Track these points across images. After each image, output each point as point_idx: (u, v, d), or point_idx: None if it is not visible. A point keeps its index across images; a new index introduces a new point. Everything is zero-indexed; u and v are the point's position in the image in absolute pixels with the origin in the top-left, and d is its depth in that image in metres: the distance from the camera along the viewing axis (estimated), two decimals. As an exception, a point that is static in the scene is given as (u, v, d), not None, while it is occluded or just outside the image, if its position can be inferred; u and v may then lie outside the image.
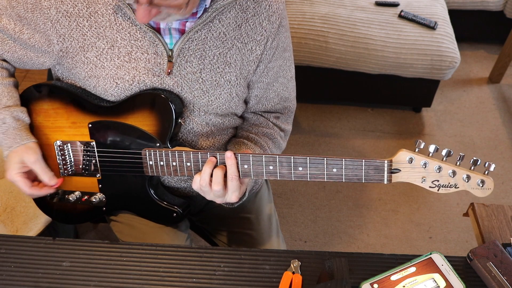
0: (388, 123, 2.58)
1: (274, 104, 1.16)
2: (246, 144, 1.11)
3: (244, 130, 1.16)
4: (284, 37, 1.10)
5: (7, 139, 1.04)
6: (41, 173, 1.06)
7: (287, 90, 1.17)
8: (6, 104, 1.05)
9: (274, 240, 1.28)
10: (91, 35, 0.99)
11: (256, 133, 1.15)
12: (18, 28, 1.01)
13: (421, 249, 2.03)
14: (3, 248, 1.00)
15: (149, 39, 0.99)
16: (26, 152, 1.04)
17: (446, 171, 0.87)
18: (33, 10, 0.98)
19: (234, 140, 1.15)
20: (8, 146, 1.04)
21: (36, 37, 1.01)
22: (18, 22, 1.01)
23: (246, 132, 1.15)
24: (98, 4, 0.97)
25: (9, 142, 1.04)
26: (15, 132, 1.04)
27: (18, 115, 1.06)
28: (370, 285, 0.92)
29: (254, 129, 1.16)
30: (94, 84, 1.03)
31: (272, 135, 1.16)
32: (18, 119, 1.05)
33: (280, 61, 1.12)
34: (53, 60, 1.05)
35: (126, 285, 0.95)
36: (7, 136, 1.04)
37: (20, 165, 1.03)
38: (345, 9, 2.38)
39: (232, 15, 1.01)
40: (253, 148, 1.11)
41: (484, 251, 0.97)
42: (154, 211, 1.12)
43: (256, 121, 1.17)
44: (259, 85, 1.12)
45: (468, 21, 2.89)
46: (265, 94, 1.14)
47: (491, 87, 2.83)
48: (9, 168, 1.04)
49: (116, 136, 1.04)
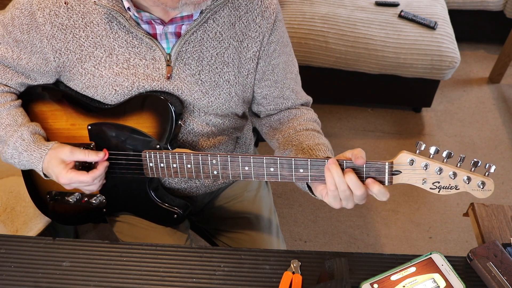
0: (388, 123, 2.58)
1: (294, 100, 1.16)
2: (318, 136, 1.09)
3: (291, 127, 1.13)
4: (282, 32, 1.09)
5: (33, 153, 1.02)
6: (84, 157, 1.01)
7: (297, 84, 1.17)
8: (22, 122, 1.05)
9: (274, 240, 1.28)
10: (88, 45, 0.98)
11: (304, 123, 1.13)
12: (16, 55, 1.01)
13: (421, 249, 2.03)
14: (3, 248, 1.00)
15: (146, 45, 0.99)
16: (57, 152, 1.01)
17: (446, 173, 0.87)
18: (29, 30, 0.97)
19: (309, 134, 1.09)
20: (38, 158, 1.02)
21: (33, 59, 1.01)
22: (16, 48, 1.01)
23: (297, 127, 1.12)
24: (93, 14, 0.97)
25: (36, 155, 1.02)
26: (36, 145, 1.03)
27: (34, 129, 1.05)
28: (370, 285, 0.92)
29: (295, 122, 1.13)
30: (92, 93, 1.03)
31: (312, 116, 1.16)
32: (34, 133, 1.05)
33: (284, 57, 1.11)
34: (54, 77, 1.05)
35: (126, 285, 0.95)
36: (31, 151, 1.02)
37: (63, 165, 1.00)
38: (345, 9, 2.38)
39: (225, 14, 1.01)
40: (321, 137, 1.09)
41: (484, 251, 0.97)
42: (154, 213, 1.12)
43: (291, 115, 1.16)
44: (267, 83, 1.11)
45: (468, 21, 2.89)
46: (280, 93, 1.13)
47: (491, 87, 2.83)
48: (57, 173, 1.00)
49: (116, 138, 1.04)
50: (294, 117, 1.14)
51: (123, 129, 1.03)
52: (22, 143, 1.03)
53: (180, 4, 0.88)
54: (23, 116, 1.06)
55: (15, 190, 1.48)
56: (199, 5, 0.90)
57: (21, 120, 1.05)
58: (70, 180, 1.00)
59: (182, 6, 0.89)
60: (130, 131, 1.03)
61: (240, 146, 1.26)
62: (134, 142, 1.03)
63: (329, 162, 0.89)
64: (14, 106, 1.06)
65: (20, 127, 1.04)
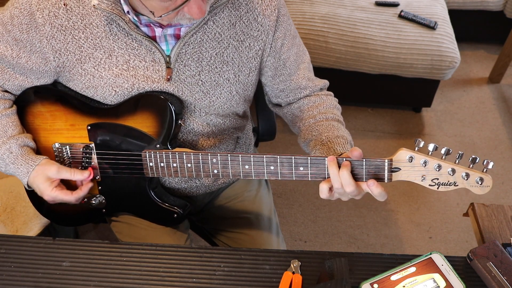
0: (388, 123, 2.58)
1: (312, 88, 1.17)
2: (337, 127, 1.09)
3: (312, 116, 1.14)
4: (288, 25, 1.10)
5: (20, 167, 1.03)
6: (70, 176, 1.04)
7: (311, 72, 1.18)
8: (11, 134, 1.05)
9: (274, 240, 1.28)
10: (88, 46, 0.98)
11: (325, 111, 1.14)
12: (15, 53, 1.01)
13: (421, 249, 2.03)
14: (3, 248, 1.00)
15: (146, 47, 0.99)
16: (44, 168, 1.03)
17: (445, 170, 0.87)
18: (28, 30, 0.97)
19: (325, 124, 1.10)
20: (25, 173, 1.03)
21: (33, 58, 1.01)
22: (15, 47, 1.00)
23: (317, 115, 1.14)
24: (92, 16, 0.97)
25: (23, 169, 1.03)
26: (23, 159, 1.04)
27: (23, 141, 1.06)
28: (370, 285, 0.92)
29: (316, 111, 1.14)
30: (92, 93, 1.03)
31: (331, 103, 1.17)
32: (23, 145, 1.05)
33: (294, 48, 1.12)
34: (52, 78, 1.05)
35: (126, 285, 0.95)
36: (18, 165, 1.03)
37: (49, 182, 1.03)
38: (345, 9, 2.38)
39: (225, 15, 1.01)
40: (341, 128, 1.10)
41: (484, 251, 0.97)
42: (154, 212, 1.12)
43: (310, 103, 1.16)
44: (282, 78, 1.12)
45: (468, 21, 2.89)
46: (297, 84, 1.14)
47: (491, 87, 2.83)
48: (42, 190, 1.03)
49: (116, 138, 1.04)
50: (314, 105, 1.16)
51: (123, 129, 1.03)
52: (10, 155, 1.03)
53: (175, 20, 0.91)
54: (14, 127, 1.06)
55: (15, 190, 1.48)
56: (195, 19, 0.92)
57: (11, 132, 1.05)
58: (54, 199, 1.04)
59: (178, 20, 0.91)
60: (129, 131, 1.03)
61: (240, 146, 1.26)
62: (133, 142, 1.03)
63: (328, 159, 0.91)
64: (6, 115, 1.06)
65: (9, 139, 1.04)
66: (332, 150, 1.02)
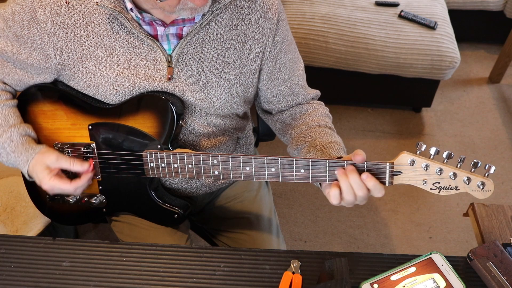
0: (388, 123, 2.58)
1: (305, 96, 1.17)
2: (330, 133, 1.10)
3: (304, 123, 1.14)
4: (286, 30, 1.10)
5: (20, 155, 1.03)
6: (69, 165, 1.03)
7: (305, 80, 1.19)
8: (13, 123, 1.05)
9: (274, 240, 1.28)
10: (89, 44, 0.98)
11: (317, 118, 1.14)
12: (16, 49, 1.01)
13: (421, 249, 2.03)
14: (3, 248, 1.00)
15: (147, 46, 0.99)
16: (43, 157, 1.02)
17: (447, 174, 0.87)
18: (29, 26, 0.97)
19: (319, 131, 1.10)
20: (25, 161, 1.03)
21: (34, 55, 1.01)
22: (15, 42, 1.00)
23: (310, 122, 1.14)
24: (94, 14, 0.97)
25: (23, 157, 1.03)
26: (24, 147, 1.03)
27: (24, 130, 1.06)
28: (370, 285, 0.92)
29: (308, 118, 1.15)
30: (93, 92, 1.03)
31: (323, 111, 1.17)
32: (24, 134, 1.05)
33: (290, 54, 1.13)
34: (53, 75, 1.05)
35: (126, 285, 0.95)
36: (18, 153, 1.03)
37: (47, 170, 1.02)
38: (345, 9, 2.38)
39: (227, 16, 1.01)
40: (334, 134, 1.10)
41: (484, 251, 0.97)
42: (155, 213, 1.12)
43: (302, 111, 1.17)
44: (276, 82, 1.12)
45: (468, 21, 2.89)
46: (290, 90, 1.15)
47: (491, 87, 2.83)
48: (41, 178, 1.02)
49: (117, 138, 1.04)
50: (306, 113, 1.16)
51: (124, 129, 1.03)
52: (11, 144, 1.03)
53: (177, 9, 0.90)
54: (15, 117, 1.06)
55: (15, 190, 1.48)
56: (196, 11, 0.91)
57: (12, 121, 1.05)
58: (52, 187, 1.02)
59: (179, 10, 0.90)
60: (130, 131, 1.03)
61: (240, 146, 1.26)
62: (134, 142, 1.03)
63: (338, 172, 0.91)
64: (8, 106, 1.06)
65: (10, 127, 1.04)
66: (328, 154, 1.02)
